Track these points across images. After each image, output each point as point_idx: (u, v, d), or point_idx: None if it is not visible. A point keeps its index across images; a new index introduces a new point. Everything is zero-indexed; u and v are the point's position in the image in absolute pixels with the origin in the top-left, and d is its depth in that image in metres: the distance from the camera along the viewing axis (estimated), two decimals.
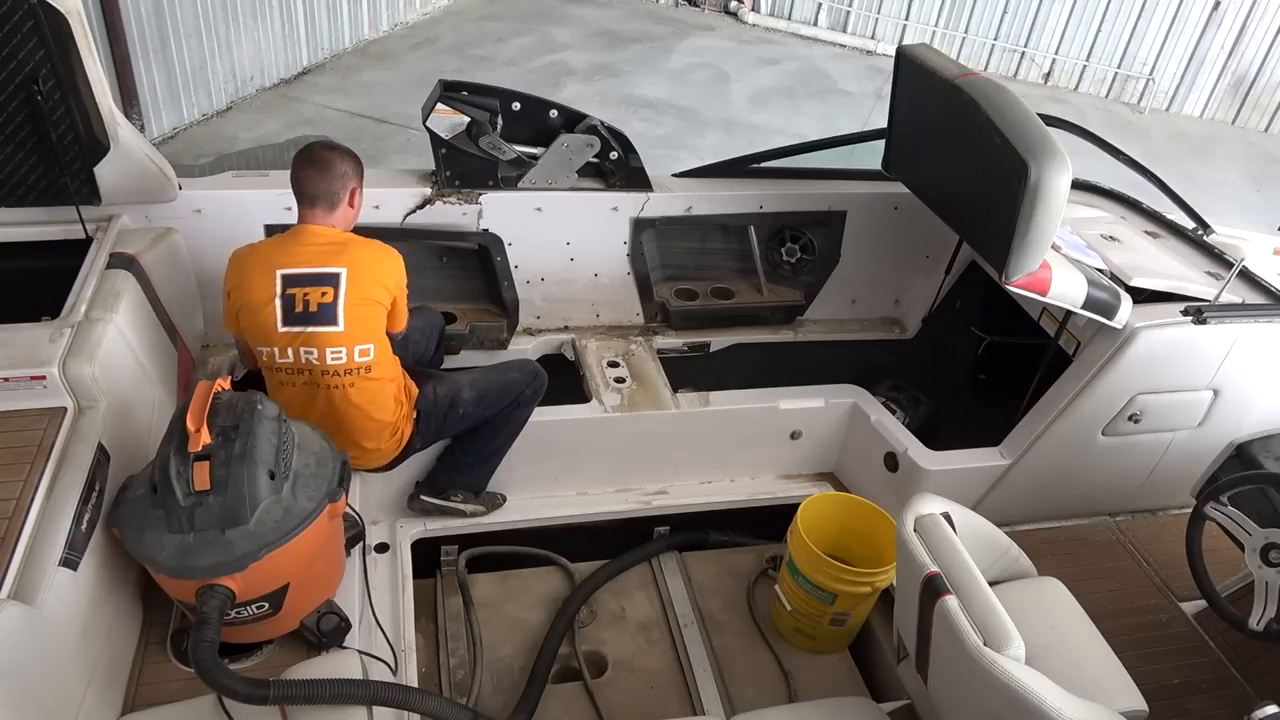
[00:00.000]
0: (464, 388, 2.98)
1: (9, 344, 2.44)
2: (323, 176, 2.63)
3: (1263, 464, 2.84)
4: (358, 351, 2.66)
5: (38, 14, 2.50)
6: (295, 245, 2.65)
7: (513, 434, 3.16)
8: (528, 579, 3.37)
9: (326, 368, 2.65)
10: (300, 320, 2.61)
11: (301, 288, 2.60)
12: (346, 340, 2.63)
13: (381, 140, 7.34)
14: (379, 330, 2.71)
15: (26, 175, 2.80)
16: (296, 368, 2.67)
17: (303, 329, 2.61)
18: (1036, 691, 1.86)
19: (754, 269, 3.99)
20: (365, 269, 2.64)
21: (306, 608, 2.47)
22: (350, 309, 2.61)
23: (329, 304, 2.59)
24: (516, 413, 3.10)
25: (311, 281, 2.60)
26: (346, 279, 2.60)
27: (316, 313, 2.60)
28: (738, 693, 3.07)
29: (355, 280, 2.61)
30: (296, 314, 2.60)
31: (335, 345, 2.63)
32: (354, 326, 2.63)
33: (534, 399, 3.12)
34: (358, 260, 2.64)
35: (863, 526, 3.14)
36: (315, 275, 2.61)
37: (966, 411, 3.80)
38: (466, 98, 3.35)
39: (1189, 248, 3.61)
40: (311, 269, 2.61)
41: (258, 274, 2.63)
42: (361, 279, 2.62)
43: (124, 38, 6.26)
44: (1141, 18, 9.97)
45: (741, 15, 11.36)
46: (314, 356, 2.64)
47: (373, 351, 2.68)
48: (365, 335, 2.66)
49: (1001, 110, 2.76)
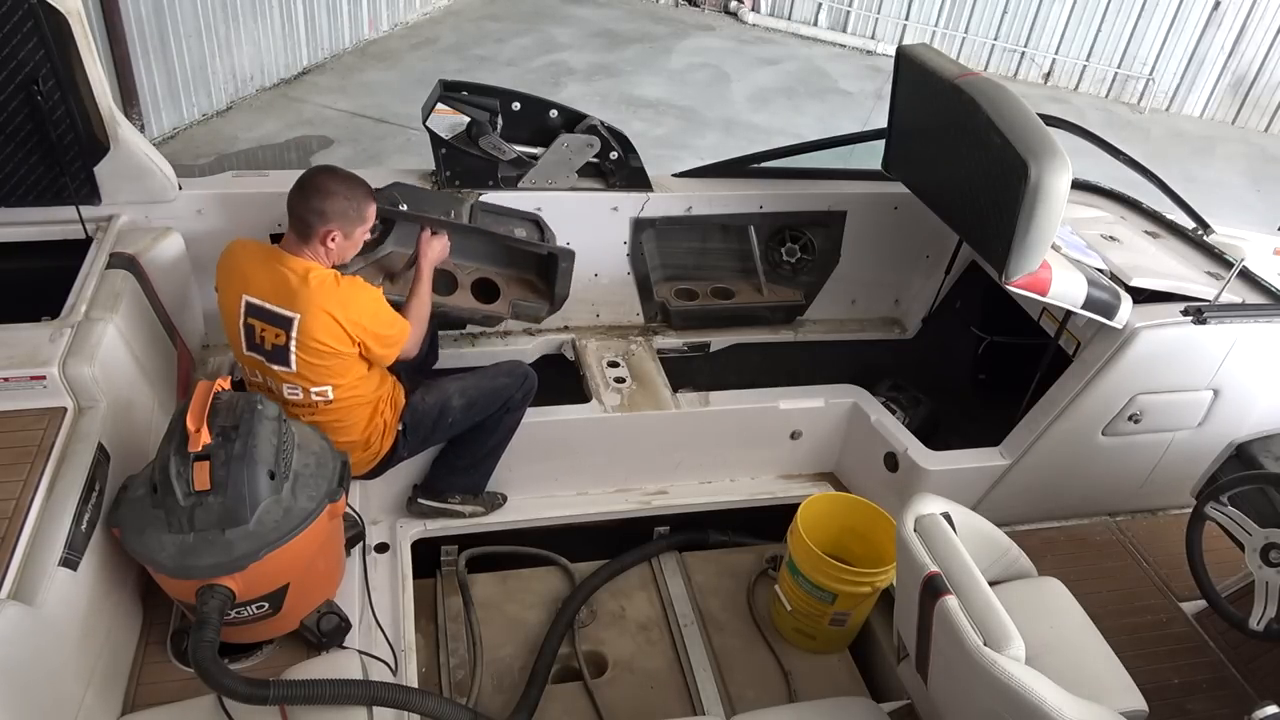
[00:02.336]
0: (453, 395, 2.97)
1: (9, 344, 2.44)
2: (301, 204, 2.52)
3: (1263, 464, 2.84)
4: (314, 392, 2.64)
5: (38, 14, 2.51)
6: (266, 268, 2.56)
7: (505, 437, 3.15)
8: (528, 579, 3.37)
9: (285, 399, 2.66)
10: (257, 352, 2.62)
11: (260, 321, 2.57)
12: (300, 381, 2.62)
13: (381, 140, 7.34)
14: (339, 372, 2.64)
15: (26, 175, 2.80)
16: (263, 387, 2.71)
17: (261, 360, 2.62)
18: (1036, 691, 1.87)
19: (754, 269, 3.99)
20: (319, 317, 2.51)
21: (306, 608, 2.47)
22: (302, 356, 2.57)
23: (281, 346, 2.56)
24: (507, 417, 3.09)
25: (268, 319, 2.56)
26: (298, 327, 2.52)
27: (271, 351, 2.59)
28: (738, 693, 3.07)
29: (306, 329, 2.52)
30: (255, 344, 2.62)
31: (290, 384, 2.63)
32: (307, 371, 2.60)
33: (524, 402, 3.11)
34: (312, 306, 2.51)
35: (863, 526, 3.14)
36: (271, 313, 2.54)
37: (966, 411, 3.80)
38: (466, 98, 3.35)
39: (1189, 248, 3.61)
40: (269, 305, 2.54)
41: (228, 289, 2.62)
42: (313, 328, 2.52)
43: (124, 38, 6.26)
44: (1141, 18, 9.97)
45: (741, 15, 11.36)
46: (272, 385, 2.67)
47: (330, 392, 2.65)
48: (320, 379, 2.62)
49: (1001, 110, 2.76)
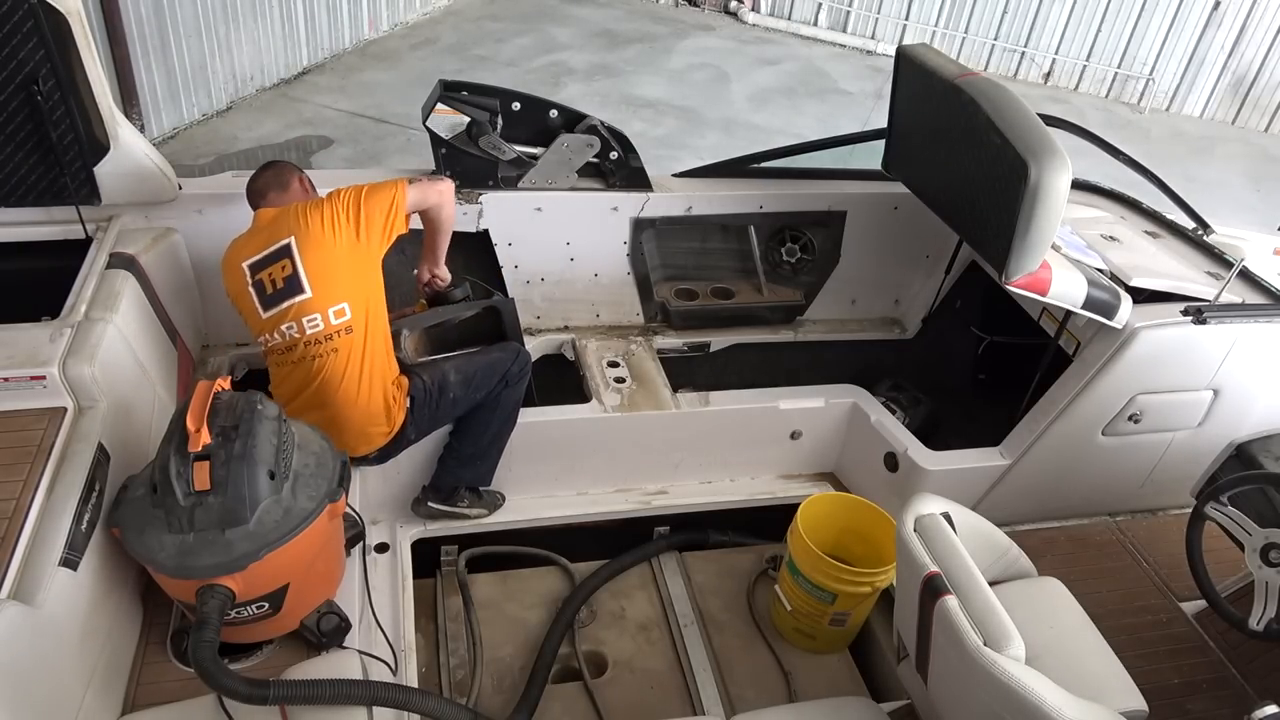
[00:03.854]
0: (449, 372, 2.99)
1: (9, 344, 2.44)
2: (263, 173, 2.86)
3: (1263, 464, 2.84)
4: (332, 314, 2.68)
5: (38, 14, 2.51)
6: (249, 236, 2.77)
7: (507, 419, 3.13)
8: (528, 579, 3.37)
9: (308, 338, 2.69)
10: (274, 300, 2.69)
11: (265, 269, 2.69)
12: (318, 305, 2.67)
13: (381, 140, 7.34)
14: (350, 285, 2.70)
15: (26, 175, 2.80)
16: (285, 346, 2.73)
17: (278, 306, 2.68)
18: (1036, 691, 1.86)
19: (754, 269, 3.99)
20: (307, 222, 2.66)
21: (306, 608, 2.47)
22: (311, 270, 2.65)
23: (291, 275, 2.65)
24: (506, 393, 3.07)
25: (269, 260, 2.68)
26: (296, 243, 2.65)
27: (284, 287, 2.67)
28: (738, 693, 3.07)
29: (303, 239, 2.65)
30: (269, 295, 2.69)
31: (309, 313, 2.67)
32: (321, 288, 2.66)
33: (521, 377, 3.10)
34: (298, 219, 2.67)
35: (863, 526, 3.14)
36: (270, 254, 2.68)
37: (966, 411, 3.80)
38: (466, 98, 3.35)
39: (1189, 248, 3.61)
40: (265, 249, 2.69)
41: (230, 274, 2.77)
42: (309, 234, 2.65)
43: (124, 38, 6.26)
44: (1141, 18, 9.97)
45: (741, 15, 11.36)
46: (295, 330, 2.69)
47: (348, 310, 2.70)
48: (336, 294, 2.68)
49: (1001, 110, 2.76)
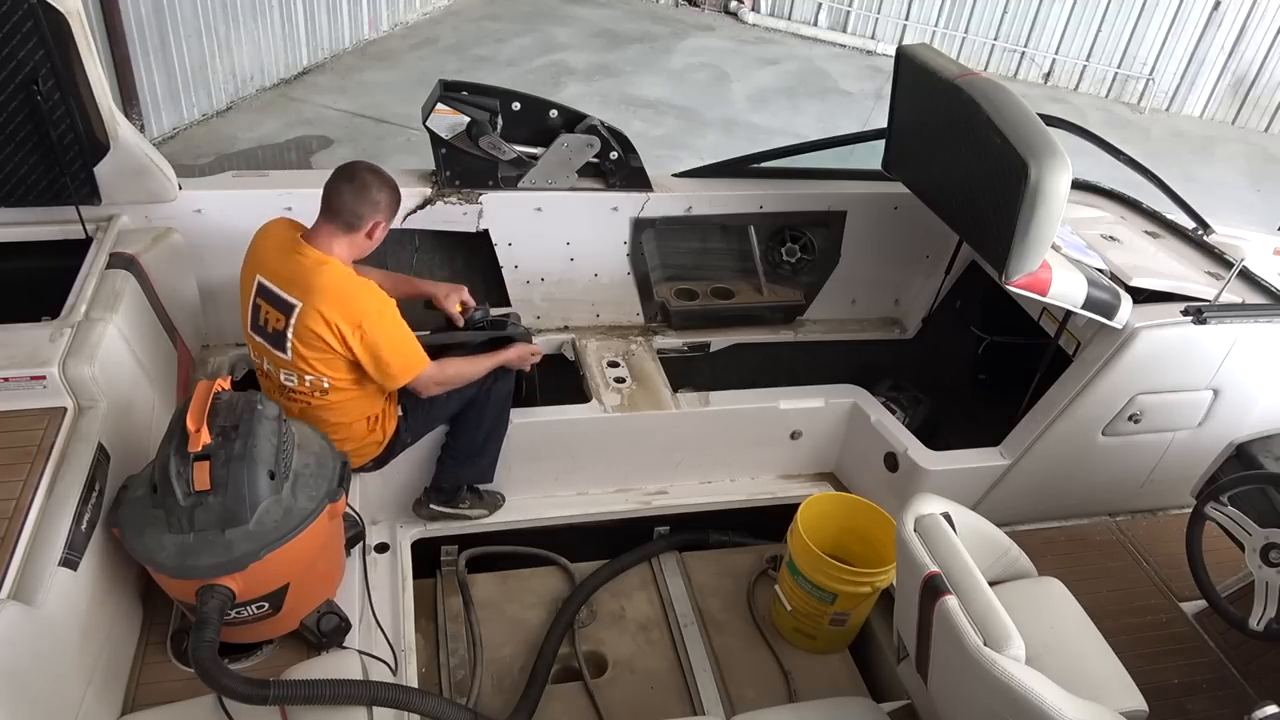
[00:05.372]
0: None
1: (9, 344, 2.44)
2: (354, 195, 2.53)
3: (1263, 464, 2.84)
4: (309, 380, 2.63)
5: (38, 14, 2.50)
6: (285, 252, 2.57)
7: (500, 412, 3.08)
8: (528, 579, 3.37)
9: (281, 384, 2.67)
10: (261, 333, 2.63)
11: (266, 303, 2.59)
12: (295, 369, 2.61)
13: (381, 140, 7.34)
14: (333, 368, 2.60)
15: (26, 175, 2.80)
16: (263, 372, 2.72)
17: (263, 339, 2.64)
18: (1036, 691, 1.87)
19: (754, 269, 3.99)
20: (319, 307, 2.50)
21: (306, 608, 2.48)
22: (297, 344, 2.56)
23: (280, 331, 2.57)
24: (495, 386, 3.01)
25: (274, 302, 2.57)
26: (298, 314, 2.51)
27: (271, 335, 2.60)
28: (738, 693, 3.06)
29: (304, 317, 2.51)
30: (258, 326, 2.63)
31: (286, 370, 2.63)
32: (301, 361, 2.58)
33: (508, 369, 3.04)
34: (317, 295, 2.50)
35: (863, 526, 3.14)
36: (278, 297, 2.55)
37: (966, 411, 3.80)
38: (466, 98, 3.34)
39: (1189, 248, 3.60)
40: (278, 289, 2.55)
41: (248, 266, 2.66)
42: (311, 317, 2.50)
43: (124, 38, 6.25)
44: (1141, 18, 9.96)
45: (741, 15, 11.35)
46: (272, 369, 2.67)
47: (326, 382, 2.62)
48: (315, 370, 2.60)
49: (1001, 110, 2.76)
